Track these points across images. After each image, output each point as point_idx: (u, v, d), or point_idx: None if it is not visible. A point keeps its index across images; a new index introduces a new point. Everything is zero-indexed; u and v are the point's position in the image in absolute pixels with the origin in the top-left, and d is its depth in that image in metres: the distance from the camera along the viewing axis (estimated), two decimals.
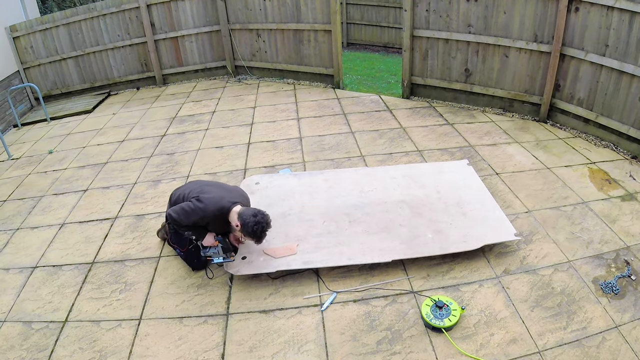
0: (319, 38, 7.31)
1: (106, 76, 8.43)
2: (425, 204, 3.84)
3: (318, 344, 2.77)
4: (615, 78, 4.75)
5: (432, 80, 6.55)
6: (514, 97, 5.88)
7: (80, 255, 3.76)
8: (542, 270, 3.23)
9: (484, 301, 3.00)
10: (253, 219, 3.00)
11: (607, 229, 3.62)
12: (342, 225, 3.63)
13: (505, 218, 3.58)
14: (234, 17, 8.05)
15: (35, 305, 3.25)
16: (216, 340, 2.85)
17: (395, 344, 2.74)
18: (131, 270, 3.53)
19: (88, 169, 5.35)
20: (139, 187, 4.78)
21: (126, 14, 7.96)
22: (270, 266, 3.25)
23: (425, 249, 3.32)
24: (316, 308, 3.04)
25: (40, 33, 7.91)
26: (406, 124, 5.84)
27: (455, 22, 5.98)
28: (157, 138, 6.03)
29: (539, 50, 5.41)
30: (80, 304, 3.23)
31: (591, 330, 2.74)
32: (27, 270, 3.63)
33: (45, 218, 4.37)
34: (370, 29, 12.39)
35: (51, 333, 2.99)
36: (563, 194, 4.12)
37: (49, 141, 6.42)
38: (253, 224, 2.99)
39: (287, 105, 6.83)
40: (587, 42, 4.94)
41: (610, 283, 3.07)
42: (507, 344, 2.68)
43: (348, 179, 4.30)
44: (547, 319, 2.83)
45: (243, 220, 3.02)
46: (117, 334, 2.95)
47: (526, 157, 4.81)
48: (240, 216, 3.06)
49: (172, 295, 3.24)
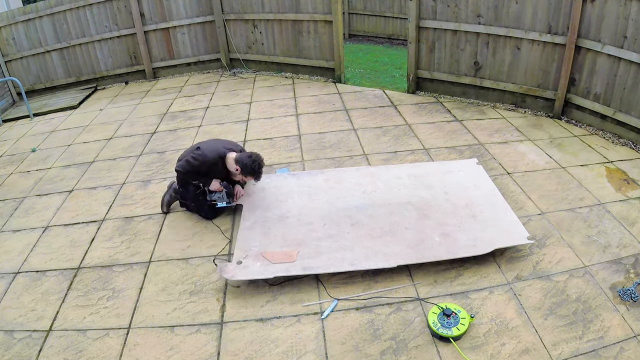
0: (319, 29, 7.31)
1: (93, 70, 8.43)
2: (432, 205, 3.84)
3: (318, 355, 2.77)
4: (634, 72, 4.74)
5: (439, 74, 6.55)
6: (527, 92, 5.88)
7: (65, 260, 3.76)
8: (556, 276, 3.23)
9: (495, 309, 3.00)
10: (249, 159, 3.77)
11: (625, 232, 3.62)
12: (343, 229, 3.63)
13: (517, 220, 3.58)
14: (229, 7, 8.05)
15: (17, 314, 3.25)
16: (210, 350, 2.85)
17: (400, 354, 2.74)
18: (119, 276, 3.52)
19: (73, 168, 5.35)
20: (128, 188, 4.77)
21: (114, 3, 7.97)
22: (267, 272, 3.25)
23: (433, 254, 3.32)
24: (316, 316, 3.03)
25: (23, 24, 7.91)
26: (412, 121, 5.84)
27: (464, 12, 5.98)
28: (147, 135, 6.03)
29: (553, 42, 5.41)
30: (66, 312, 3.23)
31: (608, 340, 2.74)
32: (9, 276, 3.63)
33: (28, 220, 4.37)
34: (373, 19, 12.39)
35: (34, 343, 2.99)
36: (579, 195, 4.11)
37: (32, 139, 6.42)
38: (250, 163, 3.75)
39: (285, 100, 6.83)
40: (604, 33, 4.94)
41: (629, 290, 3.06)
42: (519, 355, 2.68)
43: (350, 179, 4.30)
44: (562, 328, 2.83)
45: (241, 163, 3.78)
46: (105, 344, 2.94)
47: (539, 156, 4.81)
48: (237, 161, 3.81)
49: (163, 302, 3.24)
